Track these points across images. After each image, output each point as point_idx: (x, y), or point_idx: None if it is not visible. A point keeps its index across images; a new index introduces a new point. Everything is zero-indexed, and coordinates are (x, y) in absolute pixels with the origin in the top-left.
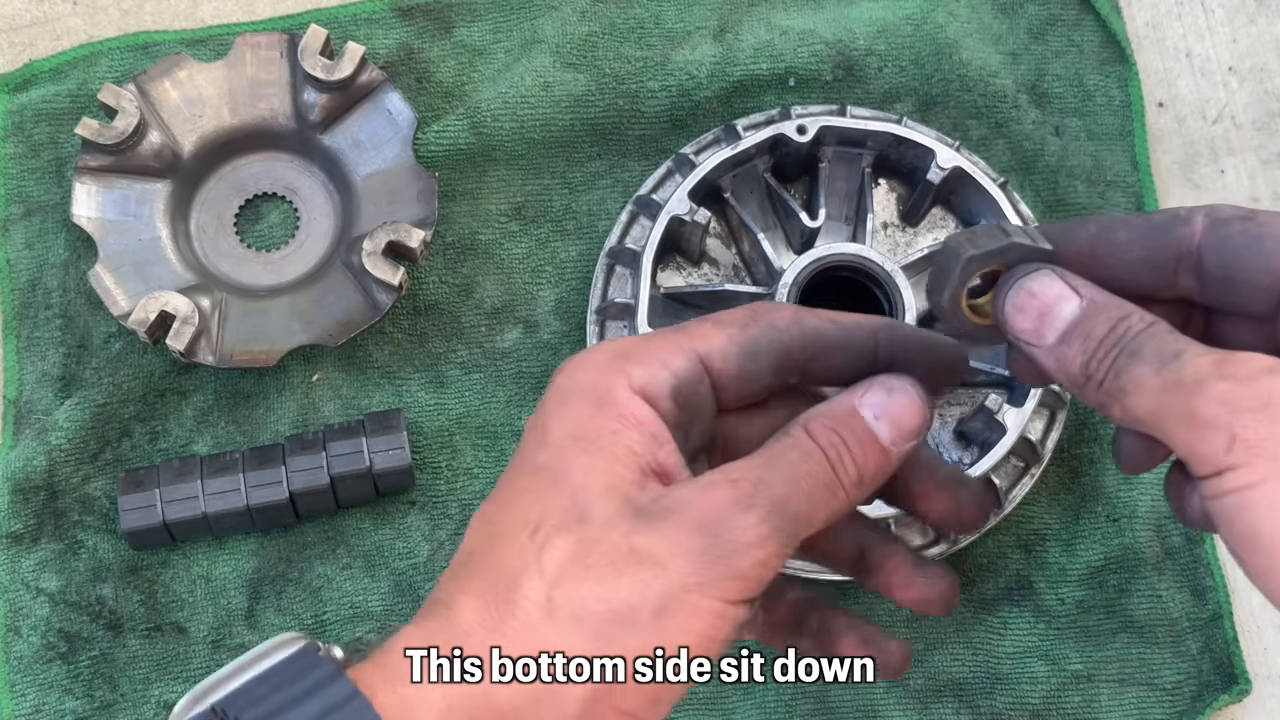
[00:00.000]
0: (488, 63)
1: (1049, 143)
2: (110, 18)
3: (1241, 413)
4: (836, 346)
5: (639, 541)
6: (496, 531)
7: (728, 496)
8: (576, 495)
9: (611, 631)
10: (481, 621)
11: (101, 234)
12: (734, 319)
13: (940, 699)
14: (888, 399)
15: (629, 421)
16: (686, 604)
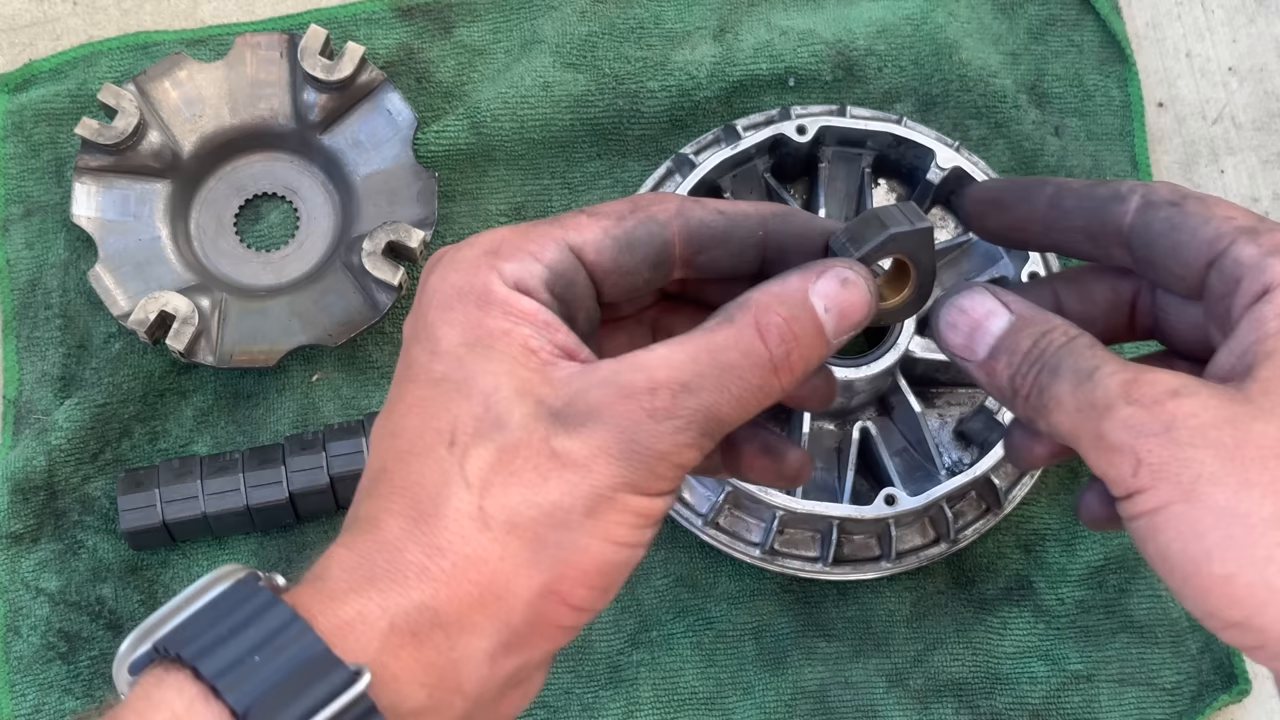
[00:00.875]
0: (488, 63)
1: (1049, 143)
2: (110, 18)
3: (1145, 437)
4: (722, 239)
5: (559, 445)
6: (407, 446)
7: (644, 408)
8: (488, 402)
9: (547, 534)
10: (411, 536)
11: (101, 234)
12: (612, 210)
13: (940, 699)
14: (841, 291)
15: (515, 316)
16: (616, 501)
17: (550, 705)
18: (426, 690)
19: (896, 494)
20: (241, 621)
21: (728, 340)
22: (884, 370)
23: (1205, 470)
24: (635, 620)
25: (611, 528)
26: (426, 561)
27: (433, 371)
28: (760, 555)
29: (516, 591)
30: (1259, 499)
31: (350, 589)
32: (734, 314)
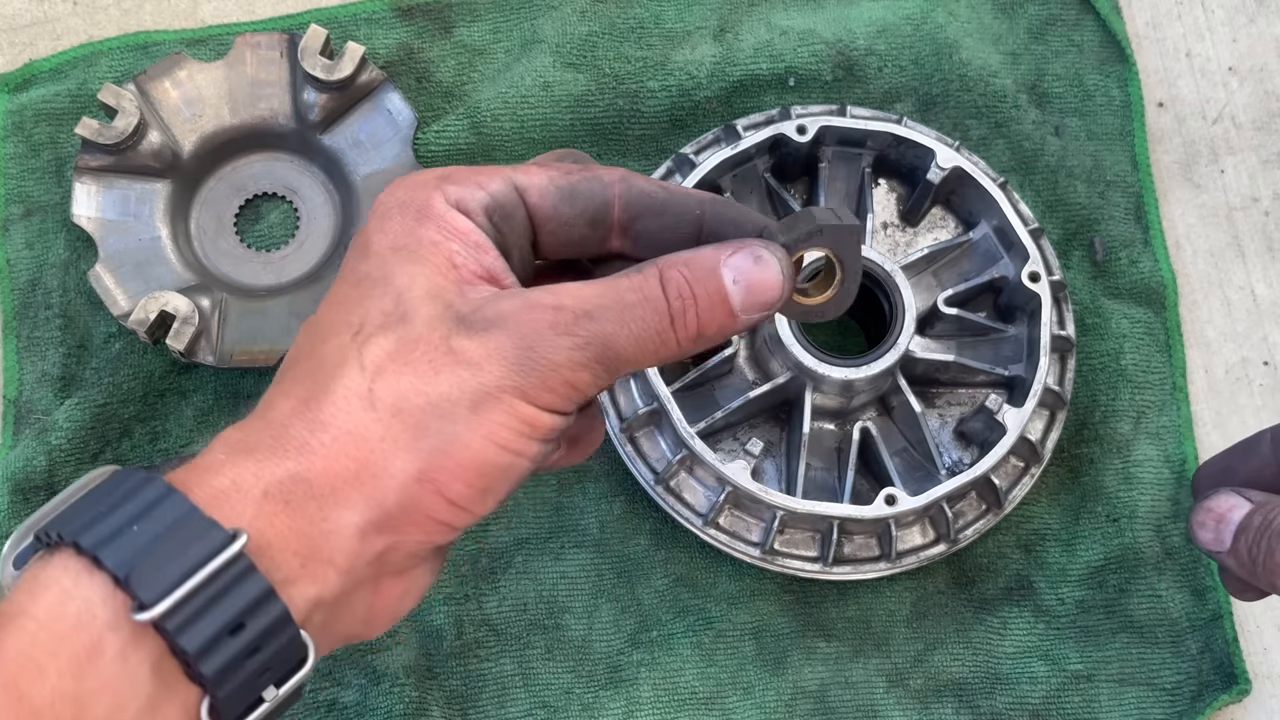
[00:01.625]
0: (488, 63)
1: (1049, 143)
2: (110, 18)
3: None
4: (659, 209)
5: (457, 344)
6: (319, 336)
7: (547, 320)
8: (400, 298)
9: (430, 423)
10: (297, 413)
11: (101, 234)
12: (562, 165)
13: (940, 699)
14: (753, 266)
15: (448, 232)
16: (502, 402)
17: (550, 705)
18: (300, 559)
19: (897, 494)
20: (119, 499)
21: (632, 284)
22: (884, 370)
23: None
24: (635, 620)
25: (495, 428)
26: (308, 436)
27: (358, 270)
28: (760, 555)
29: (392, 473)
30: None
31: (227, 461)
32: (644, 267)
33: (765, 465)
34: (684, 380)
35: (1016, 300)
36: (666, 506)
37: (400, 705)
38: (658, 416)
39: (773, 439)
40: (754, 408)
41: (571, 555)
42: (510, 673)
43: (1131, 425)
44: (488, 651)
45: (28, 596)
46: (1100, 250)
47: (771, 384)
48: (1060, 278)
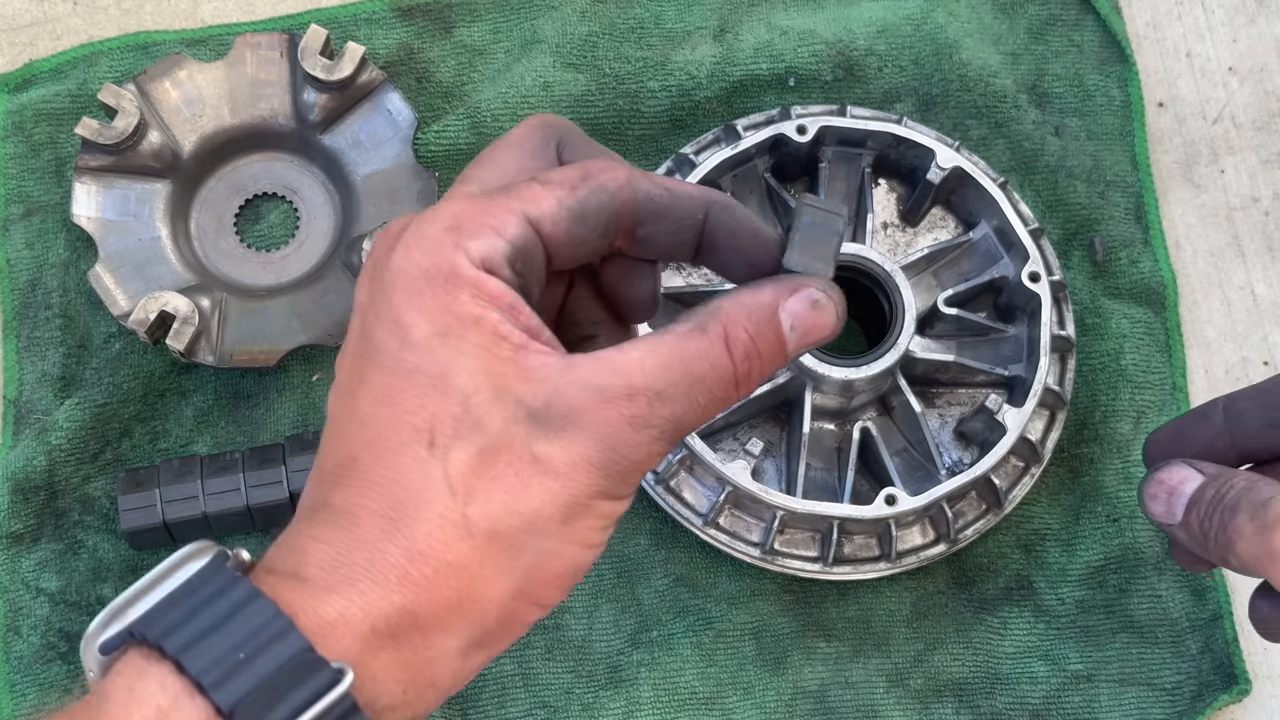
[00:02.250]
0: (488, 63)
1: (1049, 143)
2: (110, 18)
3: None
4: (664, 214)
5: (540, 450)
6: (379, 438)
7: (625, 416)
8: (467, 402)
9: (525, 541)
10: (390, 537)
11: (101, 234)
12: (564, 178)
13: (940, 699)
14: (811, 313)
15: (485, 300)
16: (590, 508)
17: (550, 705)
18: (402, 686)
19: (897, 494)
20: (224, 614)
21: (700, 351)
22: (884, 370)
23: None
24: (635, 620)
25: (584, 533)
26: (408, 566)
27: (404, 361)
28: (760, 555)
29: (492, 596)
30: None
31: (331, 588)
32: (706, 324)
33: (765, 465)
34: None
35: (1016, 300)
36: (666, 506)
37: None
38: None
39: (773, 439)
40: (754, 408)
41: None
42: (510, 673)
43: (1132, 425)
44: None
45: (121, 707)
46: (1100, 250)
47: (771, 384)
48: (1060, 278)
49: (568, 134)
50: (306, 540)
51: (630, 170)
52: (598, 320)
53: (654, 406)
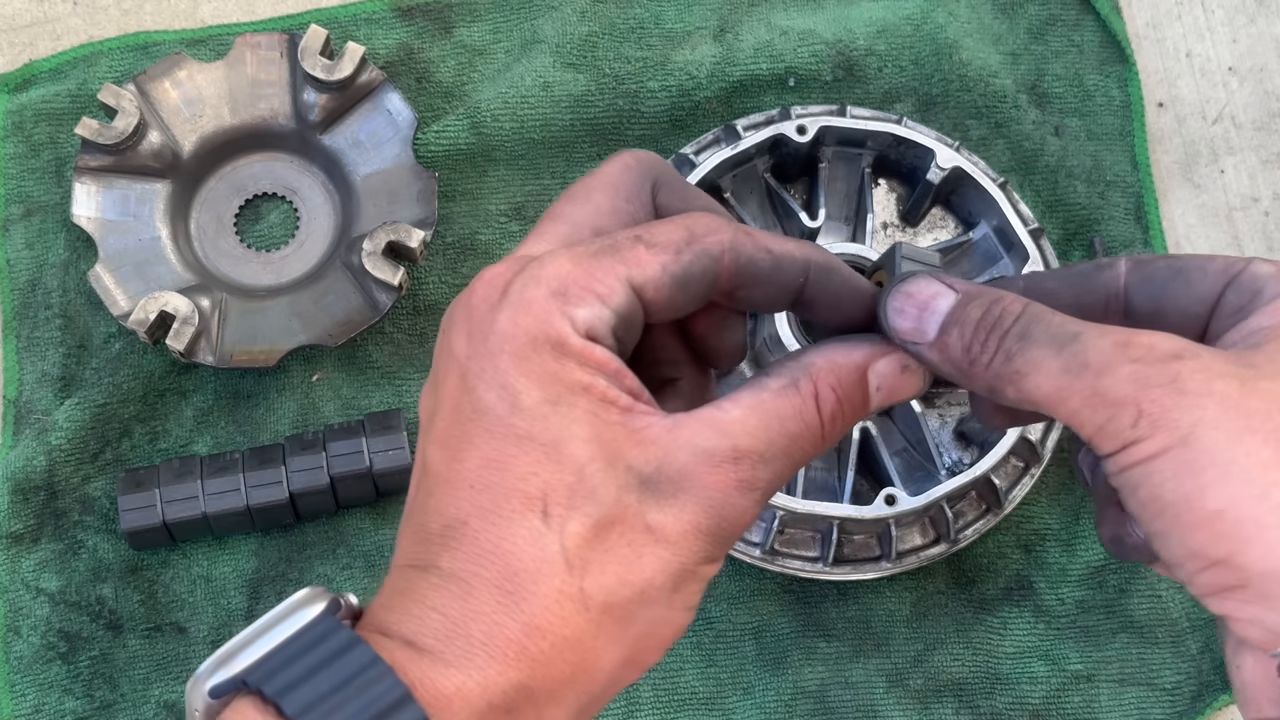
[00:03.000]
0: (488, 63)
1: (1049, 143)
2: (110, 18)
3: (1149, 388)
4: (766, 279)
5: (653, 519)
6: (492, 505)
7: (733, 481)
8: (581, 470)
9: (636, 611)
10: (507, 610)
11: (101, 234)
12: (668, 241)
13: (940, 699)
14: (899, 377)
15: (592, 368)
16: (697, 574)
17: None
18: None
19: (897, 494)
20: (343, 678)
21: (795, 410)
22: None
23: (1207, 416)
24: None
25: (688, 597)
26: (525, 641)
27: (515, 427)
28: (760, 555)
29: (603, 667)
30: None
31: (449, 661)
32: (799, 381)
33: None
34: None
35: None
36: None
37: None
38: None
39: None
40: None
41: None
42: None
43: None
44: None
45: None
46: (1100, 250)
47: None
48: None
49: (663, 174)
50: (419, 605)
51: (733, 229)
52: (679, 361)
53: (757, 469)
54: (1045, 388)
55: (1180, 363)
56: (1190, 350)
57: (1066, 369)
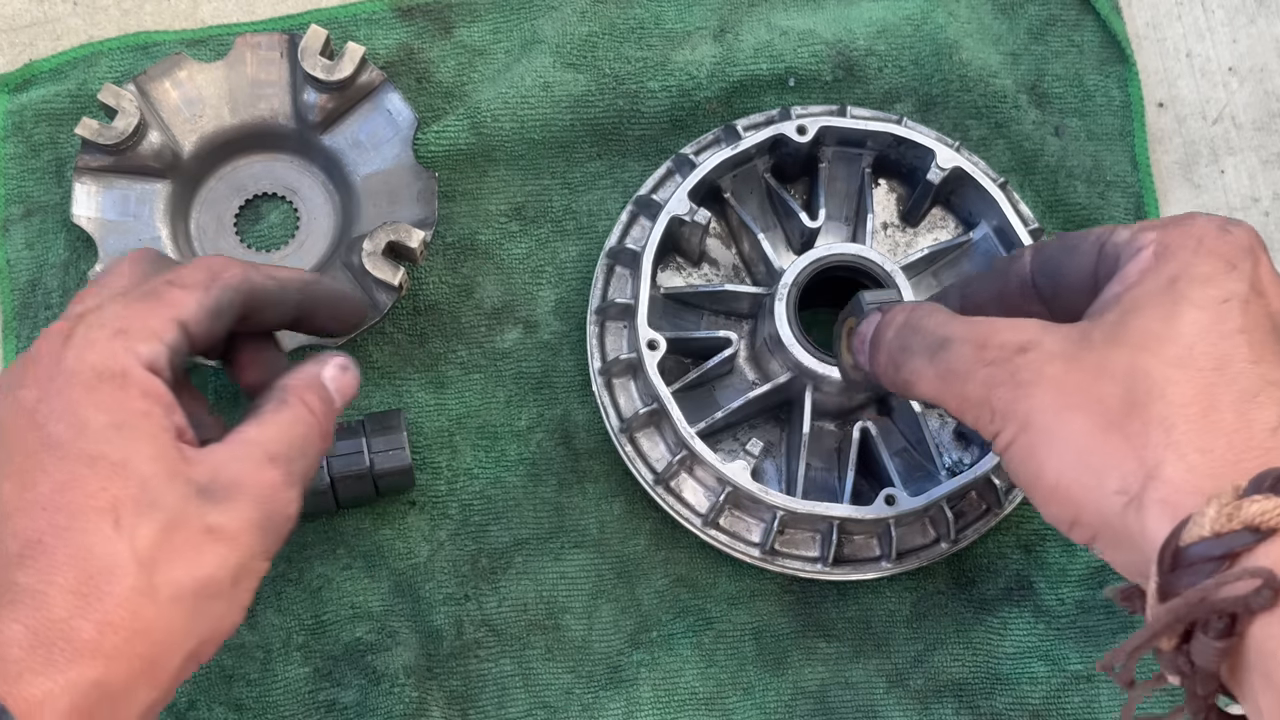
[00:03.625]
0: (488, 63)
1: (1049, 143)
2: (110, 18)
3: (996, 387)
4: (275, 301)
5: (213, 521)
6: (67, 521)
7: (278, 479)
8: (147, 485)
9: (203, 604)
10: (81, 612)
11: (101, 234)
12: (195, 280)
13: (940, 699)
14: (341, 375)
15: (151, 399)
16: (253, 568)
17: (550, 705)
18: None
19: (897, 494)
20: None
21: (295, 417)
22: None
23: (1036, 401)
24: (635, 620)
25: (244, 595)
26: (101, 639)
27: (85, 450)
28: (760, 555)
29: (172, 658)
30: (1078, 416)
31: (34, 669)
32: (287, 398)
33: (765, 465)
34: (684, 380)
35: None
36: (666, 506)
37: (400, 706)
38: (657, 417)
39: (773, 439)
40: (754, 408)
41: (571, 555)
42: (510, 673)
43: None
44: (488, 652)
45: None
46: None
47: (771, 384)
48: None
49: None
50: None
51: (242, 264)
52: None
53: (291, 465)
54: (928, 393)
55: (1022, 356)
56: (1034, 340)
57: (939, 375)
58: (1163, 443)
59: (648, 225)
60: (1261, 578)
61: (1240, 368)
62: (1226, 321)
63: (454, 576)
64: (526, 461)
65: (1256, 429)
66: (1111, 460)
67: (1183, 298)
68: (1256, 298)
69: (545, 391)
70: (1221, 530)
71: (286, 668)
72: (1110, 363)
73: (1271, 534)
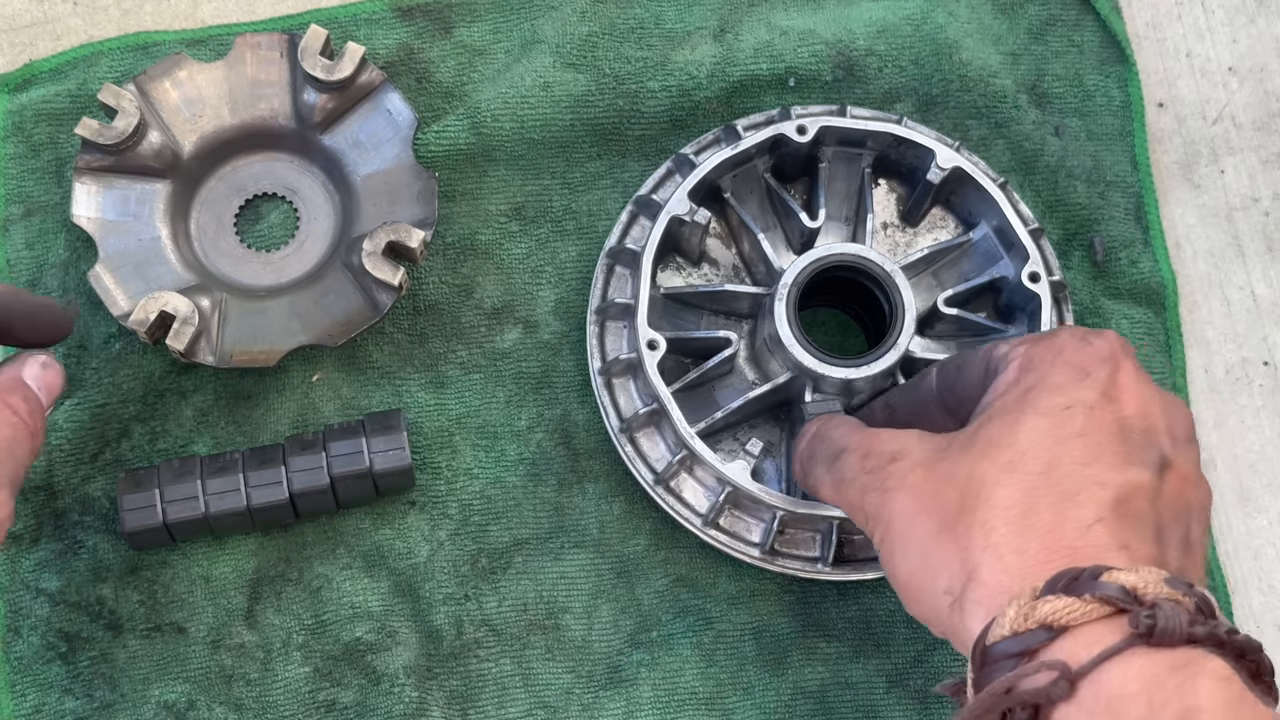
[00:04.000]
0: (488, 63)
1: (1049, 143)
2: (110, 18)
3: (869, 493)
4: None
5: None
6: None
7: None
8: None
9: None
10: None
11: (101, 234)
12: None
13: (940, 699)
14: (44, 373)
15: None
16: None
17: (550, 705)
18: None
19: None
20: None
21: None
22: (884, 370)
23: (897, 506)
24: (635, 620)
25: None
26: None
27: None
28: (760, 555)
29: None
30: (925, 520)
31: None
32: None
33: (765, 465)
34: (684, 380)
35: (1016, 300)
36: (666, 506)
37: (400, 705)
38: (657, 417)
39: (773, 439)
40: (754, 408)
41: (571, 555)
42: (510, 673)
43: None
44: (487, 652)
45: None
46: (1100, 250)
47: (771, 384)
48: (1060, 278)
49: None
50: None
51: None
52: None
53: None
54: (828, 498)
55: (893, 464)
56: (904, 449)
57: (834, 483)
58: (982, 544)
59: (648, 225)
60: (1057, 669)
61: (1068, 469)
62: (1066, 427)
63: (454, 576)
64: (526, 461)
65: (1069, 528)
66: (942, 561)
67: (1029, 406)
68: (1106, 404)
69: (545, 391)
70: (1019, 629)
71: (286, 668)
72: (957, 469)
73: (1064, 631)
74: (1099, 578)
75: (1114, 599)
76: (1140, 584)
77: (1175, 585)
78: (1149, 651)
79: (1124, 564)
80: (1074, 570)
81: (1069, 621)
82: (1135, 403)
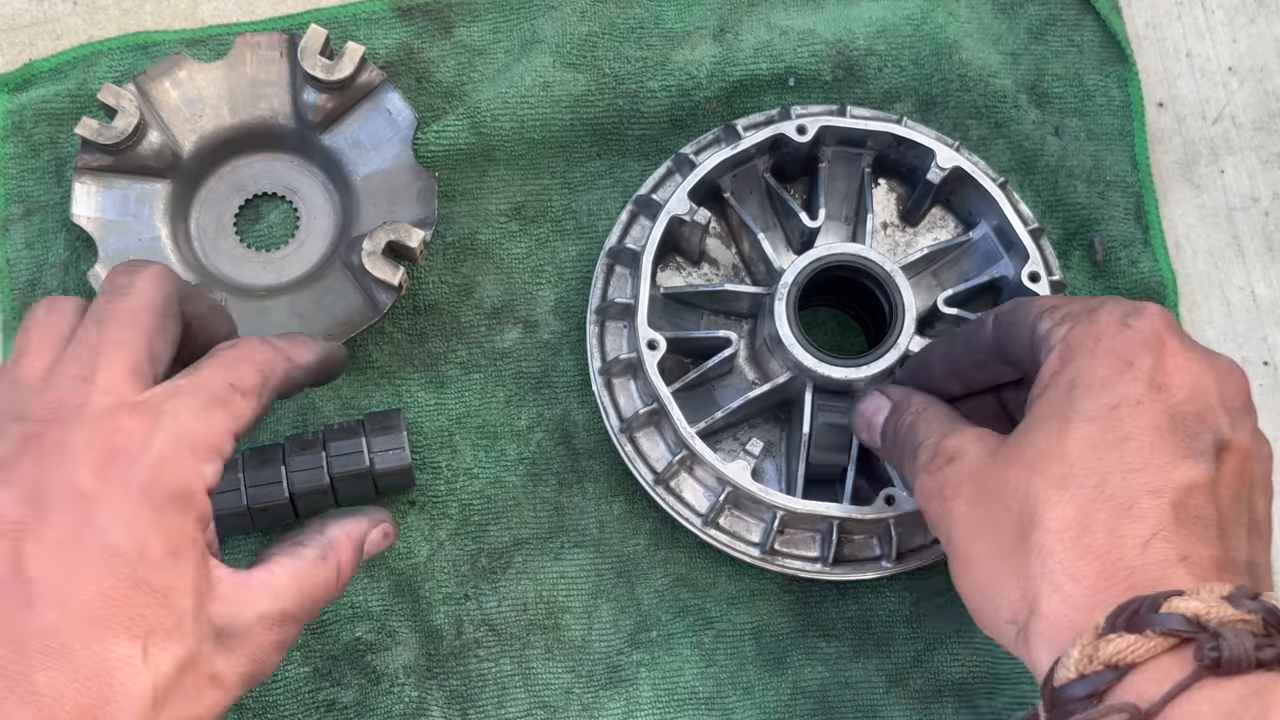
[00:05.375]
0: (488, 63)
1: (1049, 143)
2: (110, 18)
3: (929, 499)
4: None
5: (218, 668)
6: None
7: (276, 638)
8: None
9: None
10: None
11: (101, 234)
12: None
13: (940, 699)
14: (381, 541)
15: (202, 523)
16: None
17: (550, 705)
18: None
19: (896, 494)
20: None
21: (324, 579)
22: (884, 370)
23: (955, 520)
24: (635, 620)
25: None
26: None
27: (136, 571)
28: (760, 555)
29: None
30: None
31: None
32: (328, 554)
33: (765, 465)
34: (684, 380)
35: None
36: (666, 506)
37: (400, 705)
38: (657, 416)
39: (773, 439)
40: (754, 408)
41: (571, 555)
42: (510, 673)
43: None
44: (487, 651)
45: None
46: (1100, 250)
47: (771, 384)
48: (1060, 278)
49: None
50: None
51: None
52: None
53: (292, 629)
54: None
55: (950, 467)
56: (961, 450)
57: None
58: (1040, 573)
59: (648, 225)
60: (1127, 712)
61: (1120, 480)
62: (1114, 430)
63: (454, 576)
64: (526, 461)
65: (1127, 546)
66: (1003, 591)
67: (1075, 411)
68: (1154, 395)
69: (545, 391)
70: (1085, 671)
71: (286, 667)
72: (1008, 485)
73: (1130, 668)
74: (1159, 608)
75: (1177, 631)
76: (1203, 610)
77: (1238, 603)
78: (1218, 682)
79: (1186, 580)
80: (1134, 602)
81: (1134, 659)
82: (1185, 386)
